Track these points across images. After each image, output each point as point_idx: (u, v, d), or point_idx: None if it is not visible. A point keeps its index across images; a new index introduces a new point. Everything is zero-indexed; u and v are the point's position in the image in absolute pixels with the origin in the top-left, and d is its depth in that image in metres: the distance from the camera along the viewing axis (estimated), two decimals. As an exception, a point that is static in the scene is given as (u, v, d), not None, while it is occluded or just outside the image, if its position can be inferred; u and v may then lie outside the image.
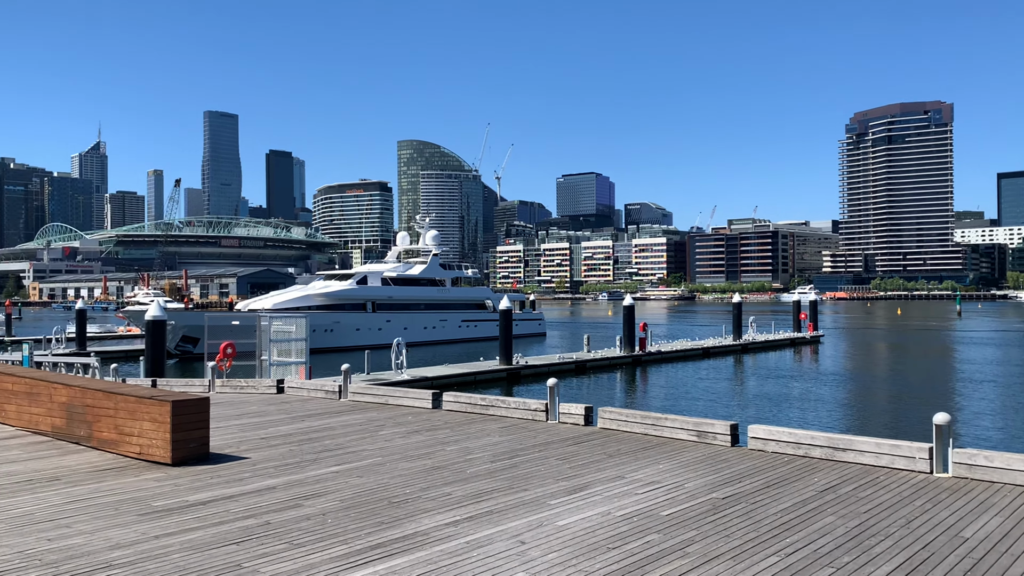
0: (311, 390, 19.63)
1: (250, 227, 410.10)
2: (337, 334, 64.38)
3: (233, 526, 8.28)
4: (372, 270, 75.62)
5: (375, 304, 70.48)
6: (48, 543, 7.66)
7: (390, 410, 16.88)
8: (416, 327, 70.79)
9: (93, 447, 12.25)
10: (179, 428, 11.29)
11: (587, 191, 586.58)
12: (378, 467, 11.21)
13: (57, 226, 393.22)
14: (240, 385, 21.08)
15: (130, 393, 12.05)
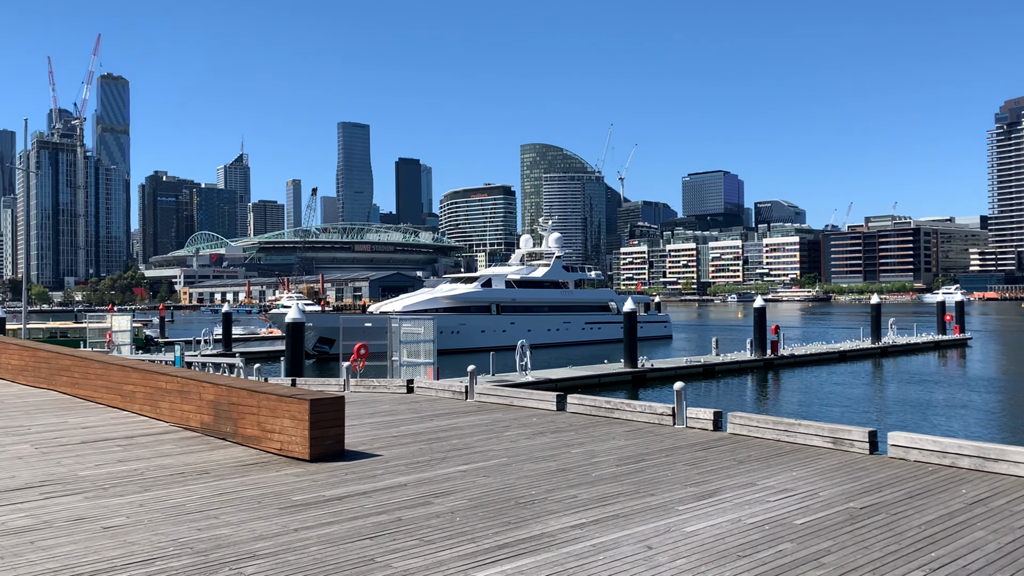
0: (439, 390, 20.06)
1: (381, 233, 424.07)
2: (463, 336, 65.53)
3: (367, 521, 8.58)
4: (496, 273, 76.54)
5: (499, 306, 71.30)
6: (198, 532, 8.17)
7: (515, 411, 17.03)
8: (540, 329, 71.12)
9: (238, 443, 12.97)
10: (317, 426, 11.79)
11: (714, 190, 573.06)
12: (504, 467, 11.34)
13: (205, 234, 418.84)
14: (372, 385, 21.80)
15: (272, 392, 12.69)
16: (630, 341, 43.25)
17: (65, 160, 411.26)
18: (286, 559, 7.32)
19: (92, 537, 7.99)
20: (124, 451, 12.38)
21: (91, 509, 9.06)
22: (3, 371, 22.21)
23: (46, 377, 19.85)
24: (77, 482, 10.36)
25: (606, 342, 71.92)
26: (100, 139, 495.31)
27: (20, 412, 16.30)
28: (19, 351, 21.59)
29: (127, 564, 7.20)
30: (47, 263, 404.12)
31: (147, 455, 12.09)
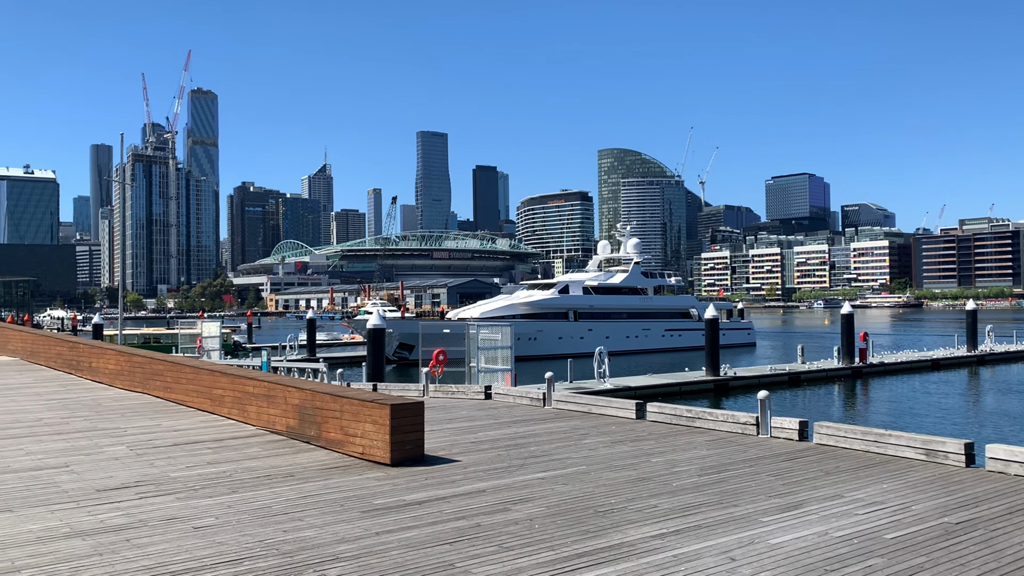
0: (516, 397, 20.11)
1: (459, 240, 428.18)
2: (540, 342, 65.54)
3: (446, 526, 8.66)
4: (573, 279, 76.33)
5: (577, 313, 71.04)
6: (284, 534, 8.39)
7: (593, 419, 16.94)
8: (618, 336, 70.57)
9: (322, 446, 13.27)
10: (397, 430, 11.97)
11: (799, 193, 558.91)
12: (583, 475, 11.29)
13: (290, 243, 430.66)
14: (451, 390, 22.00)
15: (354, 396, 12.94)
16: (712, 348, 42.51)
17: (158, 172, 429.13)
18: (368, 562, 7.45)
19: (183, 536, 8.30)
20: (213, 453, 12.82)
21: (182, 509, 9.40)
22: (101, 375, 23.27)
23: (140, 381, 20.71)
24: (169, 483, 10.77)
25: (687, 350, 70.90)
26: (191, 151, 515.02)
27: (117, 415, 17.05)
28: (116, 356, 22.59)
29: (216, 564, 7.44)
30: (141, 271, 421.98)
31: (235, 457, 12.48)
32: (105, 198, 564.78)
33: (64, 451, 12.98)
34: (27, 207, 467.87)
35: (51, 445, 13.51)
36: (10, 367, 29.12)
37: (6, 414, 17.20)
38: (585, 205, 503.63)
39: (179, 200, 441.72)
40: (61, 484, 10.64)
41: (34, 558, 7.58)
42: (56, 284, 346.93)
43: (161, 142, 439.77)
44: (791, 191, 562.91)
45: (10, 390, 21.86)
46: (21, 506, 9.53)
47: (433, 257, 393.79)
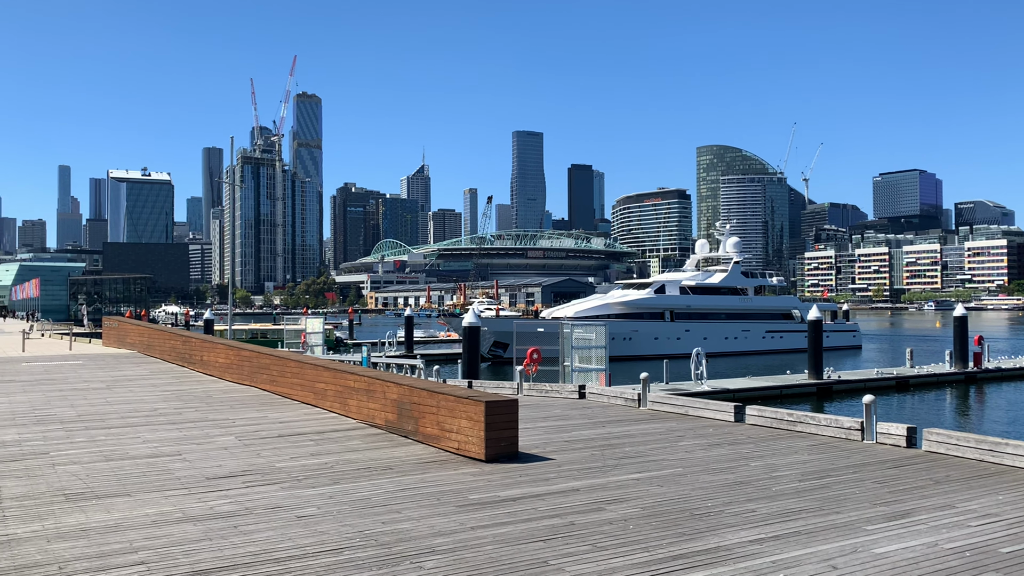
0: (611, 397, 19.98)
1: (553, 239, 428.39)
2: (635, 342, 64.91)
3: (540, 524, 8.69)
4: (670, 279, 75.31)
5: (673, 313, 70.04)
6: (382, 525, 8.59)
7: (690, 421, 16.68)
8: (716, 337, 69.20)
9: (419, 441, 13.52)
10: (492, 427, 12.08)
11: (909, 190, 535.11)
12: (679, 477, 11.14)
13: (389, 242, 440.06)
14: (545, 389, 22.05)
15: (450, 393, 13.14)
16: (815, 351, 41.21)
17: (265, 174, 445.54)
18: (463, 556, 7.56)
19: (287, 525, 8.60)
20: (316, 445, 13.23)
21: (286, 499, 9.75)
22: (212, 368, 24.35)
23: (248, 375, 21.56)
24: (274, 473, 11.18)
25: (788, 352, 68.93)
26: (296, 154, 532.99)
27: (226, 407, 17.81)
28: (225, 350, 23.59)
29: (318, 552, 7.69)
30: (249, 269, 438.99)
31: (336, 450, 12.86)
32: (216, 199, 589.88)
33: (177, 440, 13.65)
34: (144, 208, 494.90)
35: (165, 434, 14.23)
36: (129, 359, 30.83)
37: (125, 404, 18.22)
38: (683, 203, 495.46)
39: (285, 200, 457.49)
40: (174, 471, 11.20)
41: (150, 540, 8.01)
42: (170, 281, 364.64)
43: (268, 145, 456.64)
44: (900, 188, 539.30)
45: (129, 381, 23.15)
46: (138, 491, 10.08)
47: (527, 256, 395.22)
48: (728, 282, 75.20)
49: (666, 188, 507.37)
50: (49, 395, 19.77)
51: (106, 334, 41.44)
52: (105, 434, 14.18)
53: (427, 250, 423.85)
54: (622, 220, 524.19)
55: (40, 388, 21.37)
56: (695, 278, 74.96)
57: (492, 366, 58.59)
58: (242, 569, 7.18)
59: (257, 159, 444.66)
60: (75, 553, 7.60)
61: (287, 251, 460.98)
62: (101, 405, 17.95)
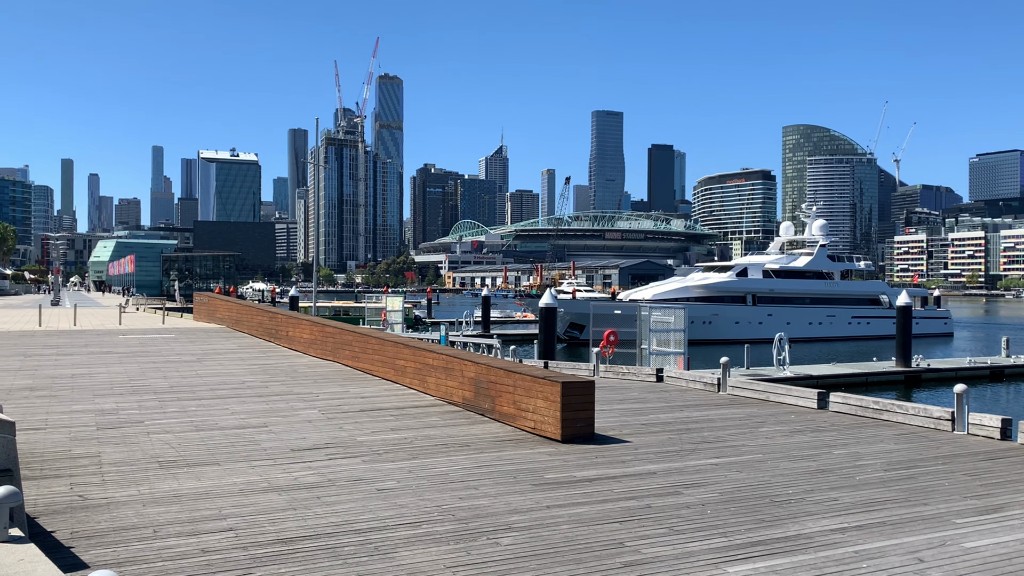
0: (689, 381, 19.77)
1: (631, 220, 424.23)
2: (715, 326, 63.91)
3: (616, 505, 8.68)
4: (753, 262, 73.80)
5: (756, 297, 68.66)
6: (459, 501, 8.72)
7: (771, 407, 16.38)
8: (800, 322, 67.56)
9: (495, 419, 13.64)
10: (568, 408, 12.10)
11: (1008, 171, 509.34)
12: (759, 464, 10.96)
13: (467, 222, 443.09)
14: (621, 371, 21.95)
15: (526, 373, 13.20)
16: (903, 338, 39.81)
17: (348, 155, 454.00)
18: (539, 534, 7.61)
19: (368, 497, 8.82)
20: (396, 420, 13.50)
21: (367, 472, 9.99)
22: (297, 343, 25.05)
23: (331, 350, 22.11)
24: (356, 446, 11.46)
25: (875, 338, 66.84)
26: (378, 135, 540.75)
27: (310, 381, 18.31)
28: (310, 327, 24.23)
29: (397, 524, 7.86)
30: (332, 248, 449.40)
31: (415, 425, 13.09)
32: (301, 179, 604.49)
33: (263, 412, 14.12)
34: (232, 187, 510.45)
35: (252, 406, 14.73)
36: (218, 334, 31.97)
37: (214, 376, 18.92)
38: (767, 184, 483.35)
39: (367, 181, 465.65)
40: (260, 443, 11.59)
41: (238, 508, 8.32)
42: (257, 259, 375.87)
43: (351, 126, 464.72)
44: (999, 170, 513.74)
45: (218, 355, 24.02)
46: (227, 460, 10.48)
47: (605, 238, 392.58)
48: (813, 266, 73.26)
49: (750, 169, 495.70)
50: (144, 367, 20.68)
51: (197, 309, 43.04)
52: (196, 405, 14.77)
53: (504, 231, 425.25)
54: (703, 201, 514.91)
55: (135, 360, 22.37)
56: (779, 261, 73.26)
57: (568, 347, 58.53)
58: (325, 539, 7.40)
59: (340, 140, 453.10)
60: (168, 518, 7.96)
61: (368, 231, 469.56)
62: (192, 377, 18.68)
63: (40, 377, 18.39)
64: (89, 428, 12.44)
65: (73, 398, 15.36)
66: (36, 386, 16.87)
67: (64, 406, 14.41)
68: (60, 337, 30.52)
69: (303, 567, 6.67)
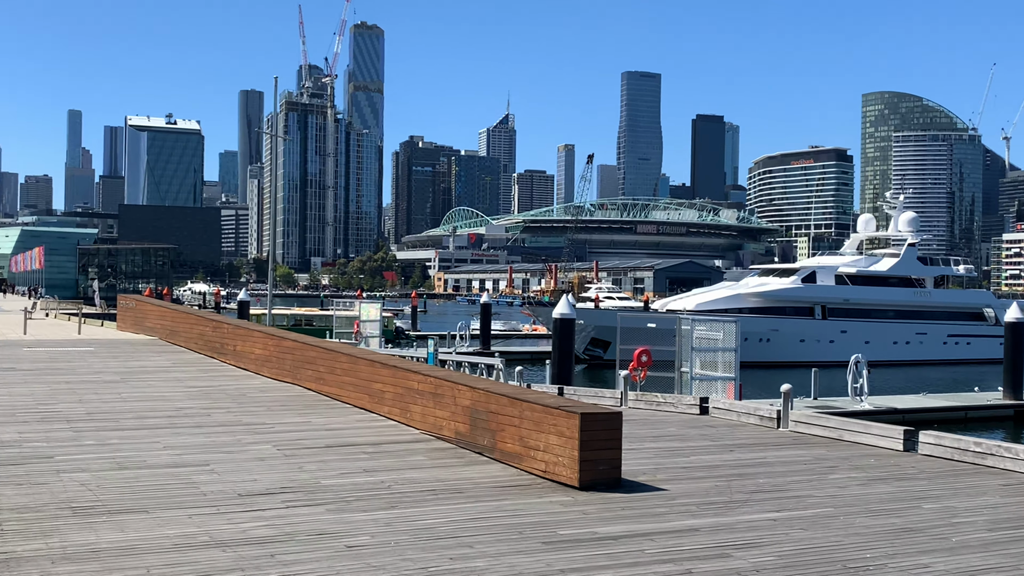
0: (741, 413, 19.77)
1: (670, 210, 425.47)
2: (774, 345, 64.00)
3: (648, 570, 8.67)
4: (823, 264, 74.06)
5: (826, 309, 68.81)
6: (450, 562, 8.72)
7: (844, 448, 16.38)
8: (882, 341, 67.60)
9: (495, 459, 13.65)
10: (588, 446, 12.09)
11: None
12: (828, 519, 10.95)
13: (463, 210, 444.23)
14: (656, 400, 21.95)
15: (536, 401, 13.20)
16: (1013, 362, 39.82)
17: (314, 124, 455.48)
18: (549, 605, 7.61)
19: (334, 556, 8.82)
20: (370, 459, 13.52)
21: (334, 524, 10.00)
22: (247, 361, 25.10)
23: (290, 370, 22.15)
24: (320, 491, 11.48)
25: (977, 363, 66.80)
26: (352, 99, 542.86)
27: (263, 408, 18.35)
28: (263, 340, 24.28)
29: (371, 590, 7.87)
30: (293, 241, 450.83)
31: (395, 466, 13.10)
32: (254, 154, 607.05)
33: (204, 447, 14.15)
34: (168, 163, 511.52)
35: (190, 439, 14.77)
36: (148, 347, 32.06)
37: (143, 401, 18.97)
38: (842, 167, 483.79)
39: (337, 157, 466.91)
40: (200, 485, 11.62)
41: (171, 568, 8.33)
42: (198, 253, 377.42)
43: (319, 88, 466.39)
44: None
45: (147, 374, 24.09)
46: (157, 507, 10.50)
47: (637, 231, 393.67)
48: (899, 270, 73.35)
49: (820, 147, 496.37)
50: (54, 387, 20.75)
51: (121, 316, 43.19)
52: (119, 437, 14.81)
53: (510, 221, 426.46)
54: (761, 187, 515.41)
55: (44, 379, 22.44)
56: (855, 264, 73.40)
57: (588, 369, 58.62)
58: (279, 607, 7.41)
59: (305, 105, 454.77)
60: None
61: (339, 220, 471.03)
62: (115, 402, 18.74)
63: (-76, 399, 18.46)
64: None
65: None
66: (-81, 410, 16.93)
67: (-46, 436, 14.46)
68: (-50, 349, 30.63)
69: (252, 643, 6.67)
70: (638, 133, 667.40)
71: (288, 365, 22.30)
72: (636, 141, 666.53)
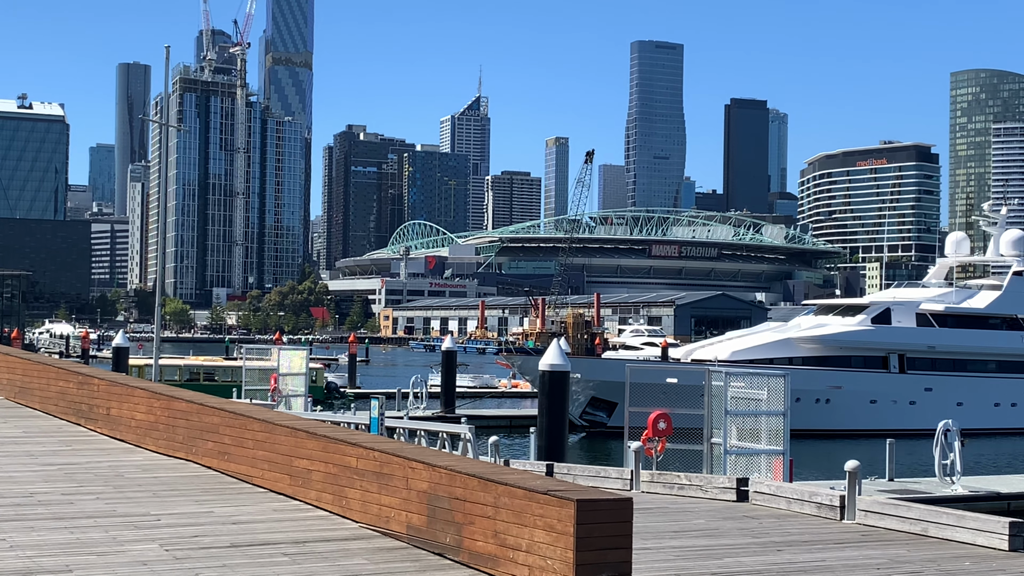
0: (792, 500, 19.81)
1: (696, 225, 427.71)
2: (836, 407, 64.27)
3: None
4: (900, 299, 74.46)
5: (904, 359, 69.13)
6: None
7: (930, 547, 16.45)
8: (980, 401, 68.00)
9: (461, 562, 13.56)
10: (587, 544, 12.04)
11: None
12: (910, 644, 10.96)
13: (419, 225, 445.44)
14: (678, 483, 21.96)
15: (516, 484, 13.15)
16: None
17: (219, 109, 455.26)
18: None
19: None
20: (293, 564, 13.40)
21: (242, 652, 9.91)
22: (125, 429, 24.92)
23: (184, 441, 22.00)
24: (224, 608, 11.37)
25: None
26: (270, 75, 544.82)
27: (147, 493, 18.19)
28: (147, 400, 24.12)
29: None
30: (189, 266, 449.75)
31: (325, 572, 13.01)
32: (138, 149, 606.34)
33: (66, 547, 13.98)
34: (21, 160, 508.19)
35: (47, 536, 14.58)
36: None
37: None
38: (925, 169, 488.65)
39: (250, 153, 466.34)
40: (61, 599, 11.48)
41: None
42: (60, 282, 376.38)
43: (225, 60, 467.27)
44: None
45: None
46: (2, 629, 10.37)
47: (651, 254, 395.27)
48: (1001, 307, 73.80)
49: (896, 143, 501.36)
50: None
51: (-45, 367, 42.86)
52: (-50, 532, 14.63)
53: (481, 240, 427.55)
54: (817, 196, 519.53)
55: None
56: (943, 298, 73.80)
57: (587, 439, 58.61)
58: None
59: (207, 84, 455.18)
60: None
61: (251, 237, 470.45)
62: (-55, 484, 18.53)
63: None
64: None
65: None
66: None
67: None
68: None
69: None
70: (653, 123, 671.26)
71: (181, 434, 22.16)
72: (651, 134, 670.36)
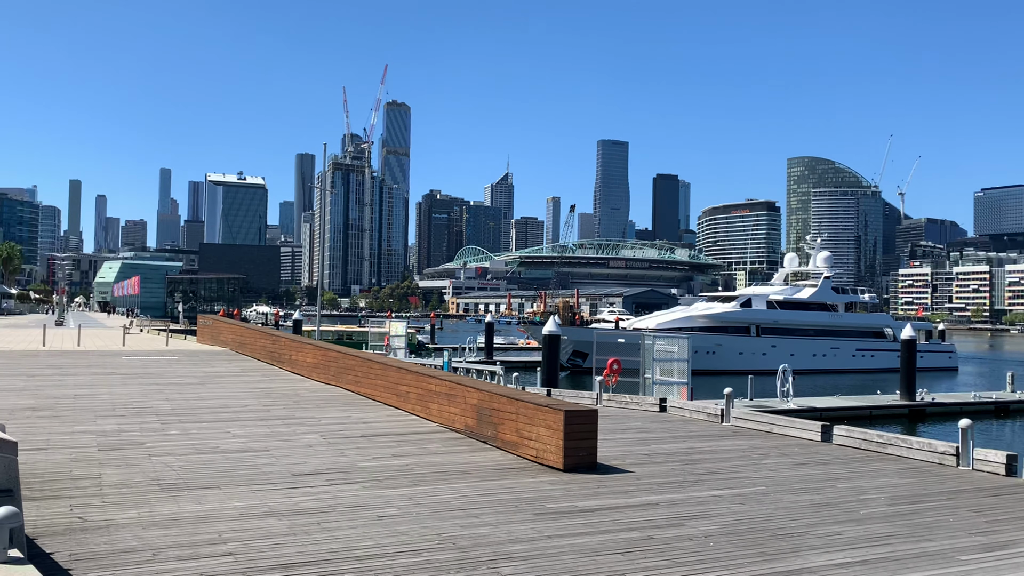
0: (692, 411, 19.70)
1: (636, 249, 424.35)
2: (719, 357, 63.77)
3: (618, 536, 8.62)
4: (757, 292, 73.84)
5: (759, 328, 68.57)
6: (460, 529, 8.67)
7: (774, 439, 16.30)
8: (803, 354, 67.37)
9: (497, 447, 13.58)
10: (571, 436, 12.05)
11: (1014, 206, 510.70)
12: (761, 496, 10.89)
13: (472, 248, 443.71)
14: (624, 401, 21.87)
15: (529, 400, 13.16)
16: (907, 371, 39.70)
17: (355, 180, 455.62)
18: (539, 564, 7.56)
19: (368, 524, 8.77)
20: (397, 447, 13.45)
21: (368, 498, 9.94)
22: (300, 367, 25.02)
23: (334, 375, 22.08)
24: (356, 472, 11.41)
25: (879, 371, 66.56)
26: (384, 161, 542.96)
27: (312, 405, 18.27)
28: (313, 351, 24.21)
29: (397, 552, 7.81)
30: (337, 272, 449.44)
31: (417, 452, 13.04)
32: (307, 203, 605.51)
33: (265, 436, 14.08)
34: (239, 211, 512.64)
35: (254, 430, 14.69)
36: (221, 356, 31.95)
37: (216, 399, 18.89)
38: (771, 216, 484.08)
39: (373, 206, 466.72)
40: (261, 467, 11.55)
41: (238, 533, 8.28)
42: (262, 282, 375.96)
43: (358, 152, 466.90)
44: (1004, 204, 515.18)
45: (220, 378, 24.00)
46: (227, 484, 10.44)
47: (609, 266, 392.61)
48: (817, 297, 73.22)
49: (754, 199, 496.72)
50: (146, 388, 20.67)
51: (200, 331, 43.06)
52: (197, 428, 14.74)
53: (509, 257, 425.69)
54: (708, 231, 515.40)
55: (138, 381, 22.35)
56: (783, 292, 73.29)
57: (571, 375, 58.40)
58: (324, 565, 7.35)
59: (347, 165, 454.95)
60: (168, 541, 7.92)
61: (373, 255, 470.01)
62: (194, 400, 18.66)
63: (43, 397, 18.37)
64: (90, 449, 12.41)
65: (75, 419, 15.34)
66: (38, 406, 16.85)
67: (66, 427, 14.38)
68: (63, 358, 30.53)
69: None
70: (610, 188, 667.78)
71: (332, 371, 22.23)
72: (609, 194, 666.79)
